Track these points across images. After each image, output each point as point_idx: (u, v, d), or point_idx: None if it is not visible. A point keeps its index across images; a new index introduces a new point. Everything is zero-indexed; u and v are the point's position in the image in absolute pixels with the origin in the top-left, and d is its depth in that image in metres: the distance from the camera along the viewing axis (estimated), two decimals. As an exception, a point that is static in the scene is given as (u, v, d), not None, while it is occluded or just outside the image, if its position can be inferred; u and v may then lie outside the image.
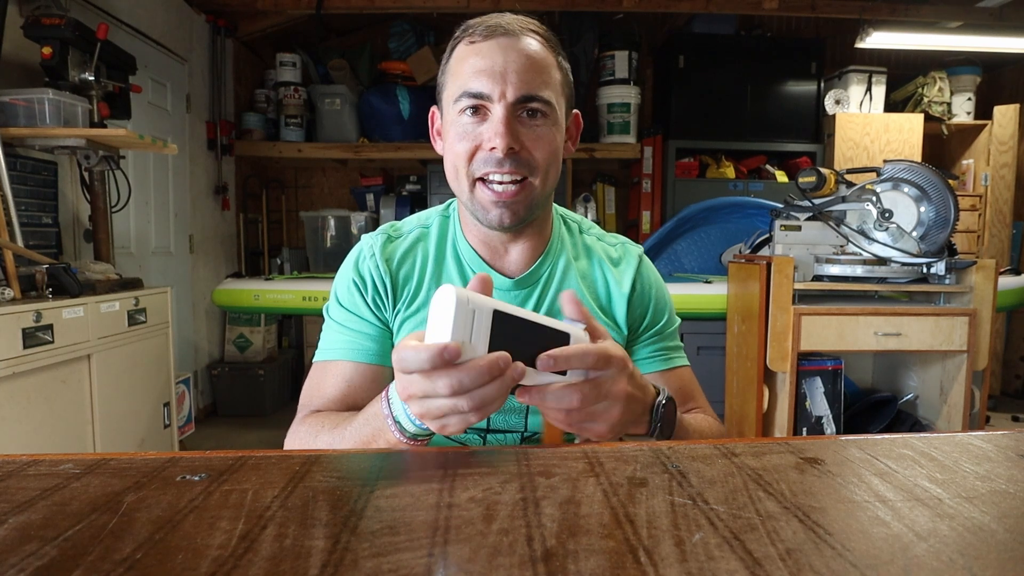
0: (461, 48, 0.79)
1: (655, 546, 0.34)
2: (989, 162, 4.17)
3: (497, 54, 0.76)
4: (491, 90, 0.75)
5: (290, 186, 4.57)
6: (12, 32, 2.08)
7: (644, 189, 4.08)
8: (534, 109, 0.77)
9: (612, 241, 0.95)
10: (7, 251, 1.76)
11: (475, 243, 0.87)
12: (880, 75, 4.12)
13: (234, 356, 3.85)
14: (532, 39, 0.78)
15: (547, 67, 0.78)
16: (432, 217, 0.92)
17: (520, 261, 0.87)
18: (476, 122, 0.77)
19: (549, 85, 0.78)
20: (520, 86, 0.75)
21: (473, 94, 0.75)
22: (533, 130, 0.77)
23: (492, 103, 0.75)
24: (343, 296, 0.86)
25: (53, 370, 1.78)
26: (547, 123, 0.78)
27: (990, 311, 2.10)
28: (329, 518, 0.38)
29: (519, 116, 0.76)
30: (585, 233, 0.95)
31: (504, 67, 0.75)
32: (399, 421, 0.58)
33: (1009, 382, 4.20)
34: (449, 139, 0.80)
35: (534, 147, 0.77)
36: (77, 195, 2.43)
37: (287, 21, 4.02)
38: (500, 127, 0.74)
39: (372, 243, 0.87)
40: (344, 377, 0.82)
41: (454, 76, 0.79)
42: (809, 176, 2.12)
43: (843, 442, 0.54)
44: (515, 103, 0.75)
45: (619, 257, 0.93)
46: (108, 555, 0.33)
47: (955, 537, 0.36)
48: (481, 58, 0.76)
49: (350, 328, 0.84)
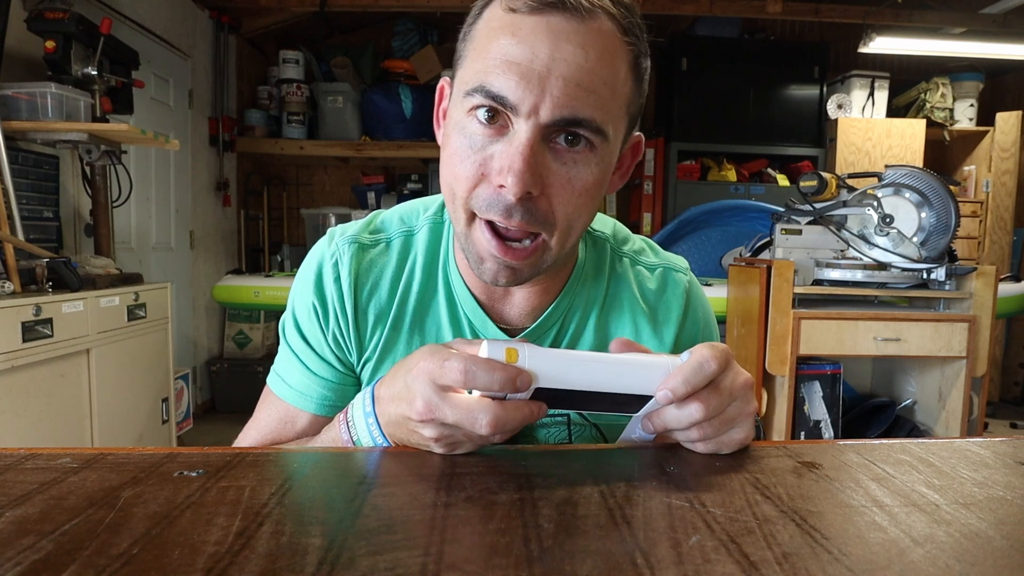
0: (495, 11, 0.54)
1: (651, 548, 0.34)
2: (991, 168, 4.17)
3: (543, 42, 0.51)
4: (520, 98, 0.52)
5: (291, 183, 4.57)
6: (15, 26, 2.08)
7: (645, 191, 4.08)
8: (577, 135, 0.54)
9: (650, 263, 0.73)
10: (7, 244, 1.76)
11: (468, 278, 0.67)
12: (883, 80, 4.12)
13: (233, 352, 3.85)
14: (604, 20, 0.53)
15: (614, 73, 0.54)
16: (420, 219, 0.70)
17: (526, 307, 0.67)
18: (490, 134, 0.54)
19: (608, 104, 0.54)
20: (564, 101, 0.52)
21: (493, 95, 0.52)
22: (568, 168, 0.54)
23: (517, 116, 0.53)
24: (301, 318, 0.69)
25: (52, 364, 1.78)
26: (591, 159, 0.55)
27: (990, 317, 2.10)
28: (326, 516, 0.38)
29: (552, 142, 0.54)
30: (618, 254, 0.73)
31: (548, 66, 0.51)
32: (362, 443, 0.54)
33: (1008, 389, 4.20)
34: (451, 145, 0.57)
35: (560, 194, 0.55)
36: (78, 189, 2.43)
37: (291, 18, 4.02)
38: (518, 160, 0.52)
39: (340, 254, 0.67)
40: (294, 426, 0.68)
41: (477, 52, 0.55)
42: (810, 180, 2.12)
43: (841, 447, 0.54)
44: (550, 125, 0.52)
45: (657, 291, 0.72)
46: (104, 550, 0.33)
47: (952, 543, 0.36)
48: (518, 42, 0.52)
49: (308, 369, 0.68)
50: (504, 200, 0.54)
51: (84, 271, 1.99)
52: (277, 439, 0.69)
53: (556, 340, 0.69)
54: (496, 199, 0.54)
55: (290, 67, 4.02)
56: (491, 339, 0.47)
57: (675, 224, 3.35)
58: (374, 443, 0.53)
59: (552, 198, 0.55)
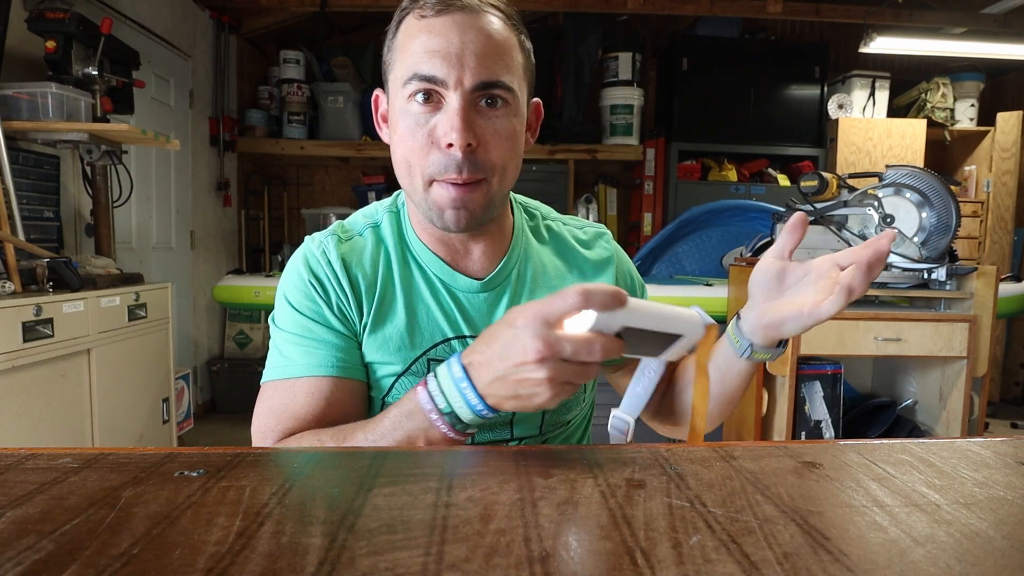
0: (410, 22, 0.69)
1: (652, 548, 0.34)
2: (991, 168, 4.16)
3: (453, 32, 0.66)
4: (446, 74, 0.66)
5: (292, 183, 4.57)
6: (16, 26, 2.08)
7: (646, 191, 4.08)
8: (494, 96, 0.68)
9: (576, 224, 0.90)
10: (8, 244, 1.76)
11: (432, 244, 0.78)
12: (883, 80, 4.11)
13: (234, 352, 3.85)
14: (493, 15, 0.69)
15: (509, 48, 0.70)
16: (380, 213, 0.82)
17: (484, 260, 0.79)
18: (428, 111, 0.68)
19: (511, 69, 0.69)
20: (479, 71, 0.66)
21: (425, 77, 0.66)
22: (493, 122, 0.69)
23: (447, 90, 0.67)
24: (299, 302, 0.75)
25: (53, 364, 1.78)
26: (508, 113, 0.70)
27: (990, 317, 2.10)
28: (327, 516, 0.38)
29: (477, 105, 0.68)
30: (547, 219, 0.88)
31: (461, 48, 0.66)
32: (453, 410, 0.57)
33: (1008, 389, 4.20)
34: (399, 130, 0.70)
35: (493, 143, 0.69)
36: (79, 189, 2.44)
37: (291, 18, 4.02)
38: (456, 120, 0.66)
39: (323, 244, 0.77)
40: (321, 394, 0.71)
41: (402, 54, 0.69)
42: (811, 180, 2.12)
43: (842, 446, 0.54)
44: (473, 90, 0.67)
45: (589, 240, 0.88)
46: (105, 550, 0.33)
47: (952, 543, 0.36)
48: (434, 36, 0.67)
49: (316, 339, 0.73)
50: (454, 158, 0.67)
51: (84, 271, 2.00)
52: (312, 411, 0.71)
53: (516, 286, 0.80)
54: (447, 160, 0.67)
55: (290, 67, 4.02)
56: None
57: (675, 224, 3.34)
58: (470, 408, 0.57)
59: (488, 148, 0.69)
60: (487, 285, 0.79)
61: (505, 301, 0.79)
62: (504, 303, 0.79)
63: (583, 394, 0.86)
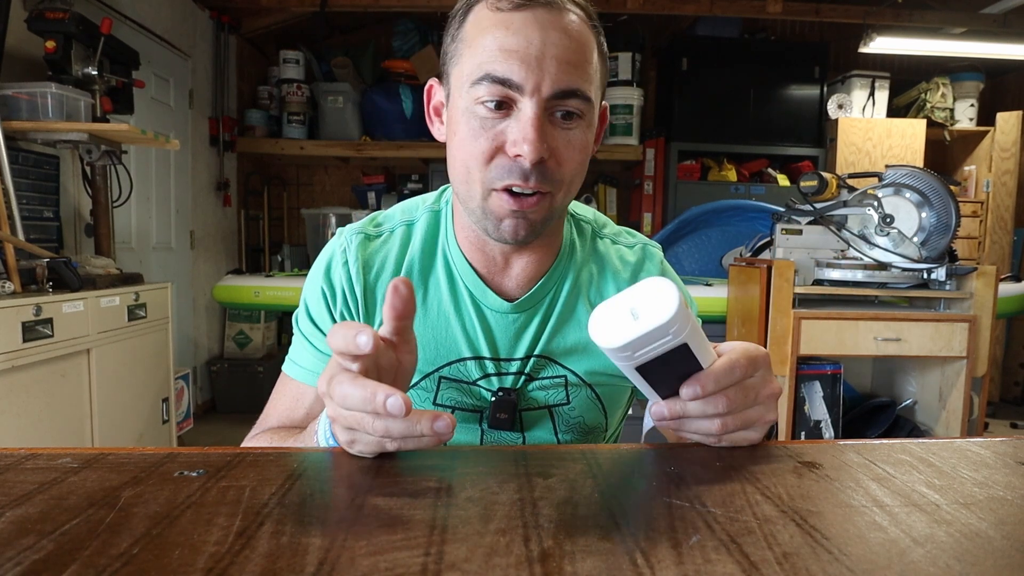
0: (483, 12, 0.63)
1: (652, 548, 0.34)
2: (991, 168, 4.17)
3: (533, 31, 0.60)
4: (523, 79, 0.60)
5: (292, 183, 4.57)
6: (16, 25, 2.08)
7: (646, 191, 4.08)
8: (571, 108, 0.63)
9: (628, 242, 0.82)
10: (8, 244, 1.76)
11: (470, 252, 0.73)
12: (883, 80, 4.12)
13: (234, 352, 3.85)
14: (574, 13, 0.63)
15: (590, 52, 0.64)
16: (420, 211, 0.78)
17: (522, 276, 0.74)
18: (498, 117, 0.62)
19: (590, 77, 0.64)
20: (560, 77, 0.61)
21: (499, 79, 0.60)
22: (566, 134, 0.63)
23: (522, 95, 0.61)
24: (312, 305, 0.75)
25: (52, 364, 1.78)
26: (581, 126, 0.64)
27: (990, 317, 2.10)
28: (326, 516, 0.38)
29: (551, 115, 0.63)
30: (599, 236, 0.81)
31: (541, 50, 0.60)
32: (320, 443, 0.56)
33: (1008, 389, 4.20)
34: (460, 133, 0.64)
35: (565, 156, 0.64)
36: (79, 189, 2.44)
37: (291, 18, 4.02)
38: (530, 130, 0.60)
39: (347, 244, 0.75)
40: (302, 401, 0.74)
41: (472, 48, 0.63)
42: (811, 180, 2.12)
43: (841, 446, 0.54)
44: (551, 98, 0.61)
45: (636, 264, 0.80)
46: (105, 550, 0.33)
47: (952, 543, 0.36)
48: (512, 33, 0.60)
49: (315, 347, 0.74)
50: (521, 167, 0.62)
51: (84, 271, 1.99)
52: (290, 415, 0.75)
53: (548, 310, 0.76)
54: (513, 167, 0.62)
55: (290, 67, 4.02)
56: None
57: (675, 224, 3.34)
58: (325, 436, 0.55)
59: (560, 161, 0.64)
60: (519, 307, 0.74)
61: (535, 325, 0.75)
62: (534, 327, 0.75)
63: (603, 432, 0.81)
